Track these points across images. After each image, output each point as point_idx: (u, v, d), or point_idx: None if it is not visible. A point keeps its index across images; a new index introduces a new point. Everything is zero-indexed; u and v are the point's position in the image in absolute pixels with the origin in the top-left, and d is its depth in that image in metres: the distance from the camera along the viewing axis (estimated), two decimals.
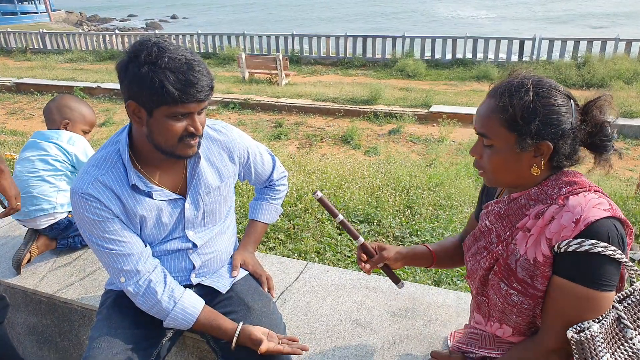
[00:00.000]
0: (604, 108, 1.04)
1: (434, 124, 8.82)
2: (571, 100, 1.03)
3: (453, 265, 1.45)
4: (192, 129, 1.22)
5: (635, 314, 1.03)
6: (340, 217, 1.31)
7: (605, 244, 0.96)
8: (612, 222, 0.98)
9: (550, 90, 1.02)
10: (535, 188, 1.08)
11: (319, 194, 1.28)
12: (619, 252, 0.97)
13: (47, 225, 2.02)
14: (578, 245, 0.97)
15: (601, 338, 0.97)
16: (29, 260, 2.01)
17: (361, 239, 1.33)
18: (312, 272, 1.93)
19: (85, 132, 2.15)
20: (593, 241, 0.96)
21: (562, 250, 0.99)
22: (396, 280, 1.37)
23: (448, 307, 1.70)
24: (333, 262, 2.92)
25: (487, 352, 1.22)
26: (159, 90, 1.13)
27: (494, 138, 1.05)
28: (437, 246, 1.42)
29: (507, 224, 1.13)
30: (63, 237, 2.09)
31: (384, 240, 3.27)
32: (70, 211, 2.06)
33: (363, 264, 1.33)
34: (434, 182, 4.31)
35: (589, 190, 1.02)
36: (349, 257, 3.01)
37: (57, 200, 2.02)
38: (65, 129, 2.09)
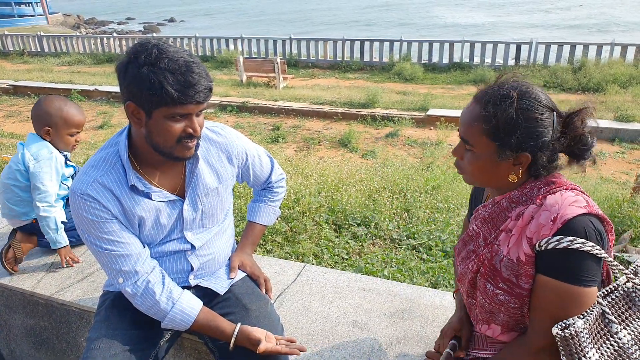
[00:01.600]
0: (585, 120, 1.06)
1: (431, 128, 8.85)
2: (553, 113, 1.05)
3: None
4: (190, 130, 1.23)
5: (619, 308, 1.04)
6: None
7: (583, 240, 0.98)
8: (588, 219, 1.00)
9: (534, 102, 1.03)
10: (516, 191, 1.11)
11: None
12: (598, 247, 0.99)
13: (16, 226, 2.10)
14: (557, 242, 0.99)
15: (586, 334, 0.98)
16: (15, 258, 2.03)
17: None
18: (310, 274, 1.94)
19: (71, 135, 2.01)
20: (571, 238, 0.98)
21: (542, 248, 1.02)
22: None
23: (445, 308, 1.71)
24: (330, 265, 2.92)
25: (479, 353, 1.24)
26: (158, 91, 1.14)
27: (475, 145, 1.07)
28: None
29: (492, 227, 1.16)
30: (42, 235, 2.10)
31: (381, 242, 3.28)
32: (35, 217, 2.05)
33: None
34: (431, 185, 4.33)
35: (566, 189, 1.05)
36: (346, 259, 3.02)
37: (18, 208, 2.04)
38: (49, 135, 1.98)
